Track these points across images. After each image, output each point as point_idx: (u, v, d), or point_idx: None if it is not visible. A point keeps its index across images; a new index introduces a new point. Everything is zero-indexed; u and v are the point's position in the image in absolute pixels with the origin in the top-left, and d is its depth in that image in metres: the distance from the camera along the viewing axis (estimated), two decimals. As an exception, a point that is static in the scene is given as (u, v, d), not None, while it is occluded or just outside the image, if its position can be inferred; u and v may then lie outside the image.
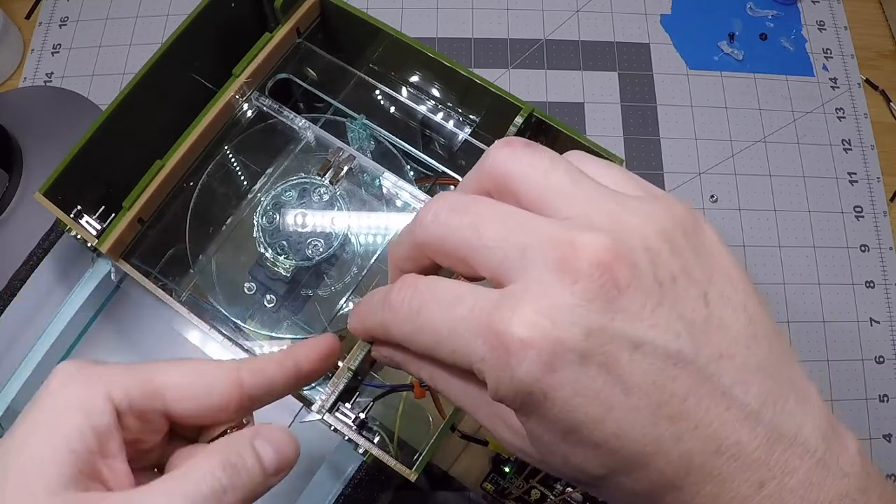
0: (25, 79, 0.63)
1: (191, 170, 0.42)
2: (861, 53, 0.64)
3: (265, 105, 0.44)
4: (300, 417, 0.40)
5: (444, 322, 0.20)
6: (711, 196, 0.59)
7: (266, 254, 0.42)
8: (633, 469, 0.20)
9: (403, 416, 0.40)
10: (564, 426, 0.20)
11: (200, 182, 0.43)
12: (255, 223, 0.42)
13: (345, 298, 0.43)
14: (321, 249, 0.42)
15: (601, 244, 0.19)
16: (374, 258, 0.44)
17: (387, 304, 0.22)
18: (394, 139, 0.45)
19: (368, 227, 0.44)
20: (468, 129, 0.45)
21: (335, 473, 0.38)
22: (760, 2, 0.65)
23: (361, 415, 0.35)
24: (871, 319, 0.56)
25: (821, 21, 0.65)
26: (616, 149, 0.56)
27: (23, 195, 0.56)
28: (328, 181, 0.43)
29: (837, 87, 0.63)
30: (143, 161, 0.41)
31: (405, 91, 0.46)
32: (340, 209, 0.43)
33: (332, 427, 0.35)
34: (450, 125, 0.45)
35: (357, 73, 0.46)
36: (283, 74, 0.45)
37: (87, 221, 0.39)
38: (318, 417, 0.35)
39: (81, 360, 0.24)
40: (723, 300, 0.20)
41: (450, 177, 0.45)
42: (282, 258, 0.42)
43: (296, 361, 0.27)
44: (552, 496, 0.45)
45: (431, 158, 0.44)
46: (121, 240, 0.39)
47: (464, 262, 0.21)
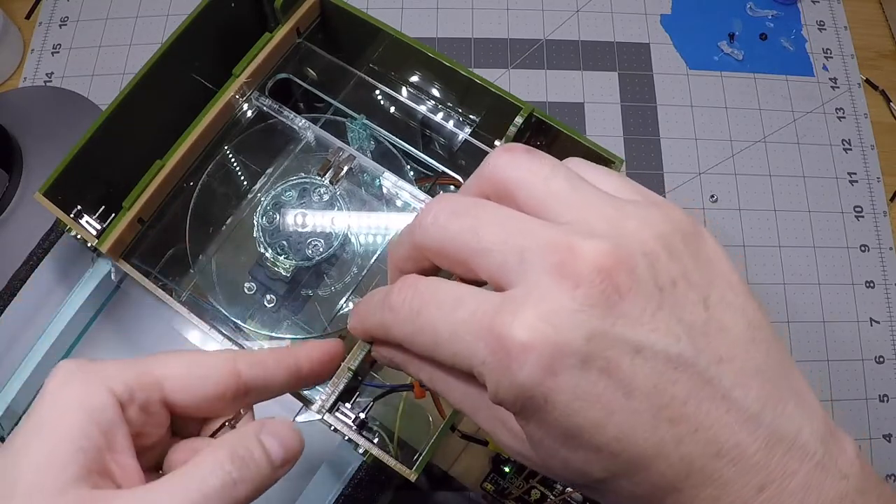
0: (25, 79, 0.63)
1: (191, 170, 0.42)
2: (861, 53, 0.64)
3: (265, 105, 0.44)
4: (300, 417, 0.40)
5: (445, 324, 0.21)
6: (711, 196, 0.59)
7: (266, 254, 0.42)
8: (634, 472, 0.20)
9: (403, 416, 0.40)
10: (565, 430, 0.20)
11: (200, 182, 0.43)
12: (255, 223, 0.42)
13: (345, 298, 0.43)
14: (321, 249, 0.42)
15: (601, 249, 0.19)
16: (374, 258, 0.44)
17: (387, 305, 0.22)
18: (394, 139, 0.45)
19: (368, 227, 0.44)
20: (468, 129, 0.45)
21: (335, 473, 0.38)
22: (760, 2, 0.65)
23: (361, 415, 0.35)
24: (871, 319, 0.56)
25: (821, 21, 0.65)
26: (616, 149, 0.56)
27: (23, 195, 0.56)
28: (328, 181, 0.43)
29: (837, 87, 0.63)
30: (143, 161, 0.41)
31: (405, 91, 0.46)
32: (340, 209, 0.43)
33: (332, 427, 0.35)
34: (450, 125, 0.45)
35: (357, 73, 0.46)
36: (283, 74, 0.45)
37: (87, 221, 0.39)
38: (318, 417, 0.35)
39: (80, 359, 0.24)
40: (722, 304, 0.20)
41: (450, 177, 0.45)
42: (282, 258, 0.42)
43: (296, 360, 0.27)
44: (552, 496, 0.45)
45: (431, 158, 0.44)
46: (121, 240, 0.39)
47: (463, 265, 0.21)
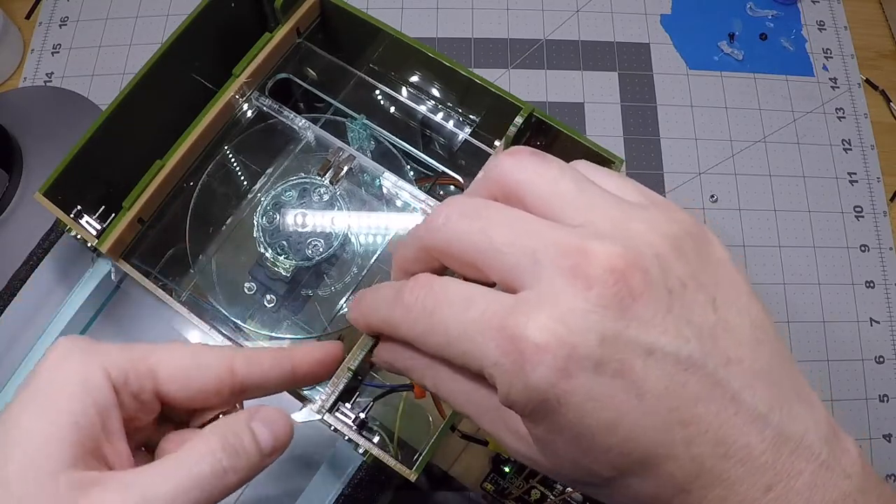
0: (25, 79, 0.63)
1: (191, 170, 0.42)
2: (861, 53, 0.64)
3: (265, 105, 0.44)
4: (299, 417, 0.40)
5: (457, 324, 0.21)
6: (711, 196, 0.59)
7: (266, 254, 0.42)
8: (644, 472, 0.20)
9: (403, 416, 0.40)
10: (577, 431, 0.20)
11: (200, 182, 0.43)
12: (255, 223, 0.42)
13: (345, 298, 0.43)
14: (321, 249, 0.42)
15: (613, 251, 0.19)
16: (374, 258, 0.44)
17: (399, 302, 0.22)
18: (394, 139, 0.45)
19: (368, 227, 0.44)
20: (468, 129, 0.45)
21: (335, 473, 0.38)
22: (760, 2, 0.65)
23: (361, 415, 0.35)
24: (871, 319, 0.56)
25: (821, 21, 0.65)
26: (616, 149, 0.56)
27: (23, 195, 0.56)
28: (328, 181, 0.43)
29: (837, 87, 0.63)
30: (143, 161, 0.41)
31: (405, 91, 0.46)
32: (340, 209, 0.43)
33: (332, 427, 0.35)
34: (450, 125, 0.45)
35: (357, 73, 0.46)
36: (283, 74, 0.45)
37: (87, 221, 0.39)
38: (318, 417, 0.35)
39: (77, 337, 0.24)
40: (728, 305, 0.20)
41: (450, 177, 0.45)
42: (282, 258, 0.42)
43: (292, 361, 0.27)
44: (552, 496, 0.45)
45: (431, 158, 0.44)
46: (121, 240, 0.39)
47: (473, 267, 0.21)
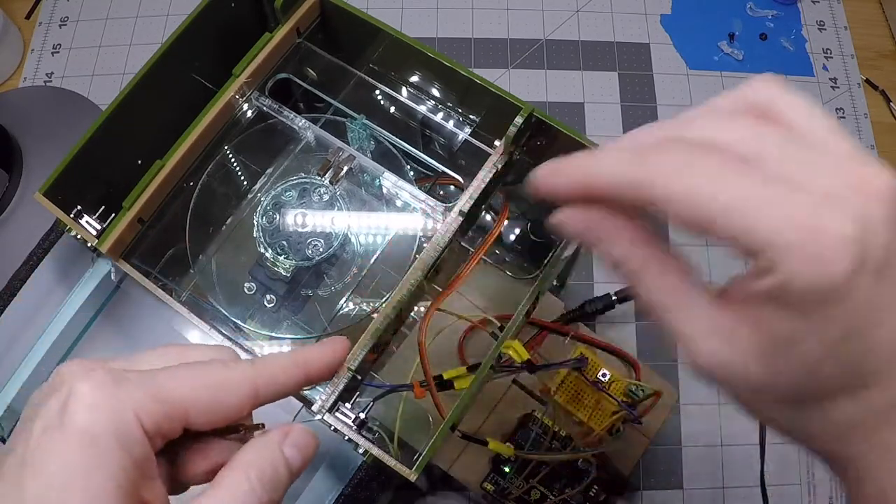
0: (25, 79, 0.63)
1: (191, 170, 0.42)
2: (861, 53, 0.64)
3: (265, 105, 0.44)
4: (300, 417, 0.40)
5: (754, 199, 0.20)
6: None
7: (266, 254, 0.42)
8: (875, 383, 0.21)
9: (403, 416, 0.40)
10: (846, 328, 0.20)
11: (200, 182, 0.43)
12: (255, 223, 0.42)
13: (345, 298, 0.43)
14: (321, 249, 0.42)
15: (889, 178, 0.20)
16: (374, 258, 0.44)
17: (663, 161, 0.21)
18: (394, 139, 0.45)
19: (368, 227, 0.44)
20: (468, 129, 0.45)
21: (335, 473, 0.38)
22: (760, 2, 0.65)
23: (361, 415, 0.35)
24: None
25: (821, 21, 0.65)
26: (616, 149, 0.56)
27: (23, 195, 0.56)
28: (328, 181, 0.43)
29: (837, 87, 0.63)
30: (143, 161, 0.41)
31: (405, 91, 0.46)
32: (340, 209, 0.43)
33: (332, 427, 0.35)
34: (450, 125, 0.45)
35: (357, 73, 0.46)
36: (283, 74, 0.45)
37: (87, 221, 0.39)
38: (318, 417, 0.35)
39: (100, 380, 0.23)
40: None
41: (450, 177, 0.45)
42: (282, 258, 0.42)
43: (306, 371, 0.28)
44: (552, 496, 0.45)
45: (431, 158, 0.44)
46: (121, 240, 0.39)
47: (701, 225, 0.20)
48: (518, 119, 0.39)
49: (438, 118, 0.45)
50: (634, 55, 0.63)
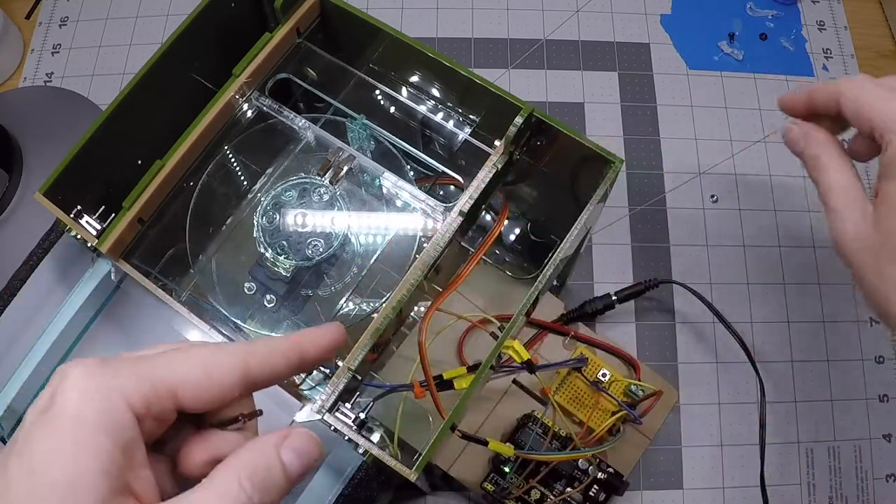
0: (25, 79, 0.63)
1: (191, 170, 0.42)
2: (861, 53, 0.64)
3: (265, 105, 0.44)
4: (300, 417, 0.40)
5: (880, 102, 0.34)
6: (711, 196, 0.59)
7: (266, 254, 0.42)
8: None
9: (403, 416, 0.40)
10: None
11: (200, 182, 0.43)
12: (255, 223, 0.42)
13: (345, 298, 0.43)
14: (321, 249, 0.42)
15: None
16: (374, 258, 0.44)
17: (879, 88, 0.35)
18: (394, 139, 0.45)
19: (368, 227, 0.44)
20: (468, 129, 0.45)
21: (335, 473, 0.38)
22: (760, 2, 0.65)
23: (361, 415, 0.35)
24: (871, 319, 0.56)
25: (821, 21, 0.65)
26: (616, 149, 0.56)
27: (23, 195, 0.56)
28: (328, 181, 0.43)
29: (837, 87, 0.63)
30: (143, 161, 0.41)
31: (405, 91, 0.46)
32: (340, 209, 0.43)
33: (332, 427, 0.35)
34: (450, 125, 0.45)
35: (357, 73, 0.46)
36: (283, 74, 0.45)
37: (87, 221, 0.39)
38: (318, 417, 0.35)
39: (90, 363, 0.23)
40: None
41: (450, 177, 0.45)
42: (282, 258, 0.42)
43: (301, 354, 0.27)
44: (552, 496, 0.45)
45: (431, 158, 0.44)
46: (121, 240, 0.39)
47: (859, 119, 0.35)
48: (518, 119, 0.39)
49: (438, 118, 0.45)
50: (634, 55, 0.63)
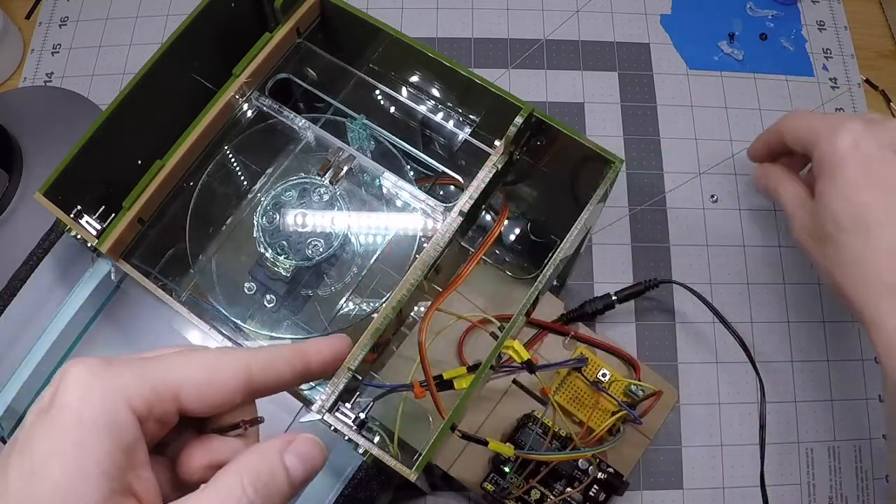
0: (25, 79, 0.63)
1: (191, 170, 0.42)
2: (861, 53, 0.64)
3: (265, 105, 0.44)
4: (300, 417, 0.40)
5: (808, 124, 0.45)
6: (711, 196, 0.59)
7: (266, 254, 0.42)
8: (866, 235, 0.39)
9: (403, 416, 0.40)
10: (843, 182, 0.40)
11: (200, 182, 0.43)
12: (255, 223, 0.42)
13: (345, 298, 0.43)
14: (321, 249, 0.42)
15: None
16: (374, 258, 0.44)
17: (812, 120, 0.45)
18: (394, 139, 0.45)
19: (368, 227, 0.44)
20: (468, 129, 0.45)
21: (335, 473, 0.38)
22: (760, 2, 0.65)
23: (361, 415, 0.35)
24: (871, 319, 0.56)
25: (821, 21, 0.65)
26: (616, 149, 0.56)
27: (23, 195, 0.56)
28: (328, 181, 0.43)
29: (837, 88, 0.63)
30: (143, 161, 0.41)
31: (405, 91, 0.46)
32: (340, 209, 0.43)
33: (332, 427, 0.35)
34: (450, 125, 0.45)
35: (357, 73, 0.46)
36: (283, 74, 0.45)
37: (87, 221, 0.39)
38: (318, 417, 0.35)
39: (93, 363, 0.23)
40: None
41: (450, 177, 0.45)
42: (282, 258, 0.42)
43: (305, 363, 0.27)
44: (552, 496, 0.45)
45: (431, 158, 0.44)
46: (121, 240, 0.39)
47: (794, 140, 0.46)
48: (518, 119, 0.39)
49: (438, 118, 0.45)
50: (634, 55, 0.63)
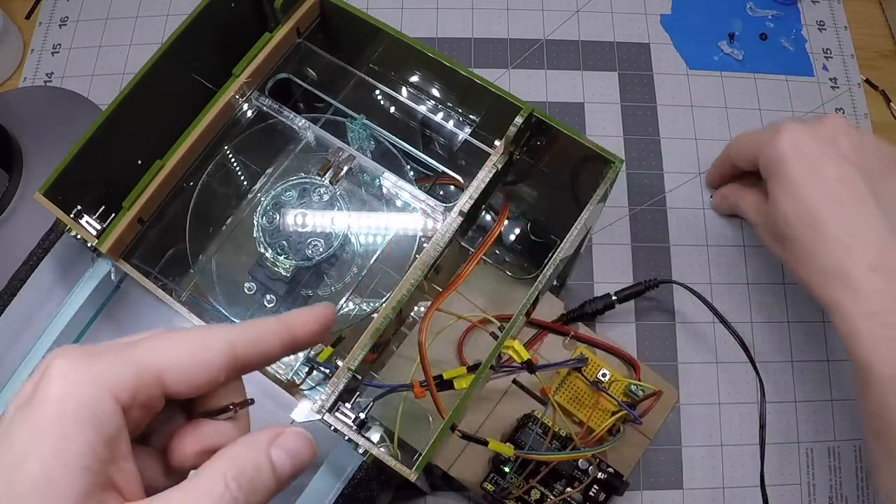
0: (25, 79, 0.63)
1: (191, 170, 0.42)
2: (861, 53, 0.64)
3: (265, 105, 0.44)
4: (299, 416, 0.40)
5: (753, 140, 0.49)
6: (712, 196, 0.59)
7: (266, 254, 0.42)
8: (813, 227, 0.42)
9: (403, 416, 0.40)
10: (787, 180, 0.43)
11: (200, 182, 0.43)
12: (255, 223, 0.42)
13: (345, 298, 0.43)
14: (321, 249, 0.42)
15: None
16: (374, 258, 0.44)
17: (762, 142, 0.47)
18: (394, 139, 0.45)
19: (368, 227, 0.44)
20: (468, 129, 0.45)
21: (335, 473, 0.38)
22: (760, 2, 0.65)
23: (361, 415, 0.35)
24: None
25: (821, 21, 0.65)
26: (616, 149, 0.56)
27: (23, 195, 0.56)
28: (328, 181, 0.43)
29: (837, 88, 0.63)
30: (143, 161, 0.41)
31: (405, 91, 0.46)
32: (340, 209, 0.43)
33: (332, 427, 0.35)
34: (450, 125, 0.45)
35: (357, 73, 0.46)
36: (283, 74, 0.45)
37: (87, 221, 0.39)
38: (318, 417, 0.35)
39: (75, 354, 0.22)
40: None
41: (450, 177, 0.45)
42: (282, 258, 0.42)
43: (291, 333, 0.26)
44: (552, 496, 0.45)
45: (431, 158, 0.44)
46: (121, 240, 0.39)
47: (742, 156, 0.51)
48: (518, 119, 0.39)
49: (438, 118, 0.45)
50: (634, 55, 0.63)
